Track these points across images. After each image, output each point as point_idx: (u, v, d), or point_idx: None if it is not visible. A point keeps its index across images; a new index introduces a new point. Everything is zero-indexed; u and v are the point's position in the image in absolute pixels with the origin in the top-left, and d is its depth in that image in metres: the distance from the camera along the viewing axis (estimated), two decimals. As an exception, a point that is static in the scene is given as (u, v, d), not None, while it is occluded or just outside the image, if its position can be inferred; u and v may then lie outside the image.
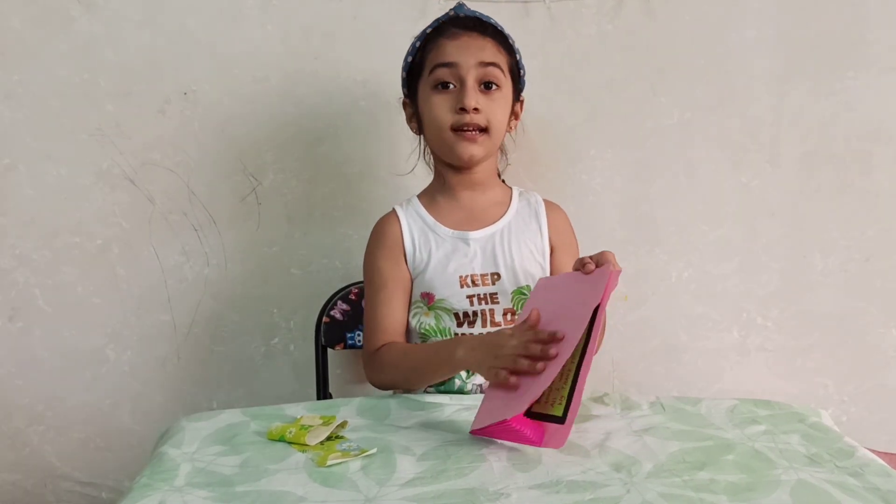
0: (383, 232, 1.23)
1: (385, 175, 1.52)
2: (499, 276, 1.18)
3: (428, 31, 1.18)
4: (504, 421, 0.88)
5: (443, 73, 1.14)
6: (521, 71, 1.23)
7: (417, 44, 1.20)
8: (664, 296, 1.60)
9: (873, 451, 0.90)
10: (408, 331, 1.23)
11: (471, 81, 1.13)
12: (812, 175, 1.58)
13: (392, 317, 1.19)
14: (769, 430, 0.94)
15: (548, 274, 1.23)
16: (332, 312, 1.46)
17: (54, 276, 1.51)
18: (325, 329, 1.45)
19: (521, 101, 1.26)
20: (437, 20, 1.19)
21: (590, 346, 0.90)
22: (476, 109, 1.13)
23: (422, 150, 1.31)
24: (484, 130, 1.15)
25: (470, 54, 1.13)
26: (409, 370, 1.13)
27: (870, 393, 1.65)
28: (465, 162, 1.17)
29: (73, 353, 1.54)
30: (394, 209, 1.25)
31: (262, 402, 1.10)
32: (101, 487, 1.59)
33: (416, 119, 1.23)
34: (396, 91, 1.28)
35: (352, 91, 1.50)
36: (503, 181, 1.33)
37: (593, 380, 1.10)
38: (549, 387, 0.90)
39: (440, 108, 1.15)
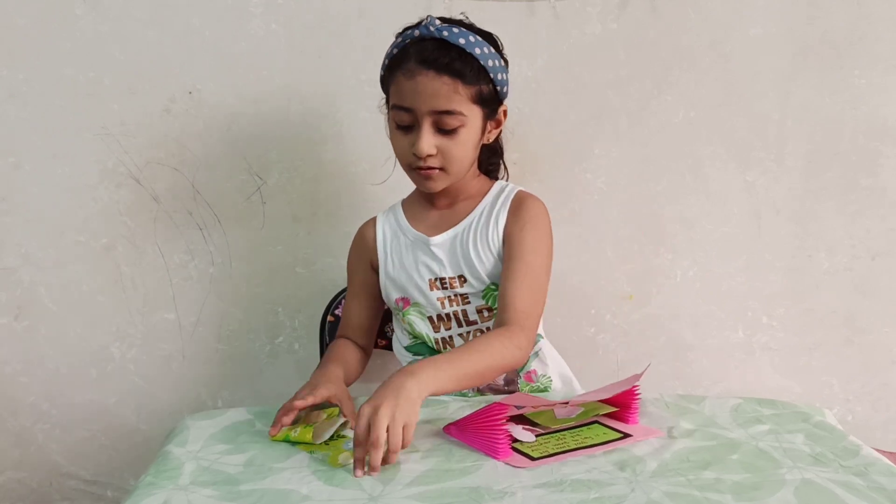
0: (358, 236, 1.29)
1: (389, 173, 1.51)
2: (465, 278, 1.18)
3: (394, 51, 1.12)
4: (492, 407, 0.88)
5: (400, 116, 1.10)
6: (498, 88, 1.13)
7: (386, 61, 1.14)
8: (669, 294, 1.60)
9: (878, 451, 0.90)
10: (396, 334, 1.27)
11: (426, 126, 1.08)
12: (817, 173, 1.57)
13: (352, 315, 1.28)
14: (773, 430, 0.94)
15: None
16: (336, 311, 1.46)
17: (60, 274, 1.51)
18: (330, 328, 1.45)
19: (504, 111, 1.18)
20: (404, 37, 1.11)
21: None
22: (431, 155, 1.10)
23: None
24: (442, 169, 1.12)
25: (423, 101, 1.07)
26: None
27: (875, 392, 1.64)
28: (427, 192, 1.19)
29: (78, 351, 1.54)
30: (376, 215, 1.28)
31: (266, 401, 1.10)
32: (105, 486, 1.60)
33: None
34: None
35: (356, 90, 1.50)
36: (501, 177, 1.30)
37: (597, 379, 1.11)
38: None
39: (400, 146, 1.13)
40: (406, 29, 1.12)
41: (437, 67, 1.06)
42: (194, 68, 1.47)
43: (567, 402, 0.98)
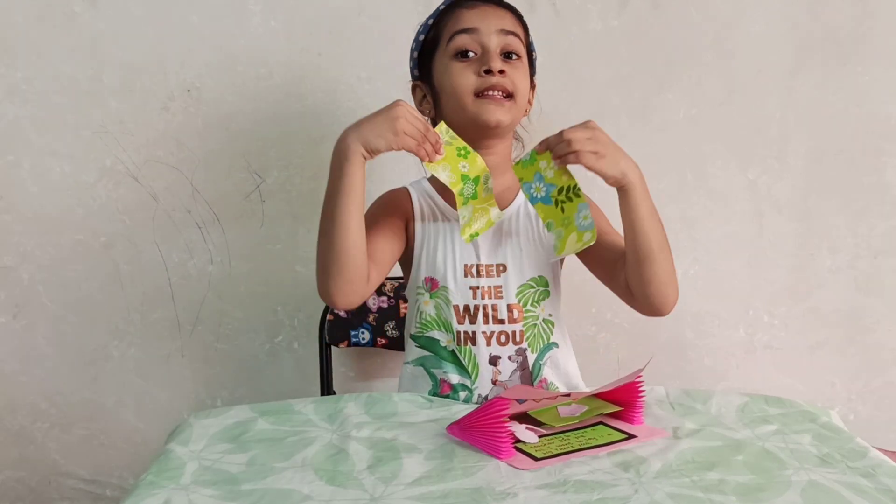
0: (391, 195, 1.20)
1: (389, 172, 1.51)
2: (504, 267, 1.14)
3: (441, 7, 1.14)
4: (495, 402, 0.87)
5: (463, 40, 1.09)
6: (534, 53, 1.19)
7: (430, 21, 1.15)
8: (670, 293, 1.59)
9: (881, 451, 0.89)
10: (408, 318, 1.20)
11: (493, 47, 1.09)
12: (820, 171, 1.57)
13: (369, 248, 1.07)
14: (780, 430, 0.93)
15: (558, 262, 1.19)
16: (335, 310, 1.45)
17: (58, 272, 1.51)
18: (329, 327, 1.45)
19: (534, 86, 1.21)
20: None
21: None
22: (502, 72, 1.08)
23: None
24: (510, 96, 1.10)
25: (490, 21, 1.09)
26: (323, 217, 1.04)
27: (878, 391, 1.64)
28: (491, 127, 1.10)
29: (76, 349, 1.54)
30: (405, 186, 1.21)
31: (265, 400, 1.09)
32: (104, 485, 1.59)
33: (431, 100, 1.17)
34: (401, 88, 1.26)
35: (356, 88, 1.49)
36: None
37: (598, 378, 1.10)
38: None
39: (462, 74, 1.09)
40: None
41: (498, 3, 1.13)
42: (193, 66, 1.46)
43: (569, 394, 0.97)
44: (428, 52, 1.15)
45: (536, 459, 0.85)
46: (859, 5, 1.51)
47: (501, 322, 1.12)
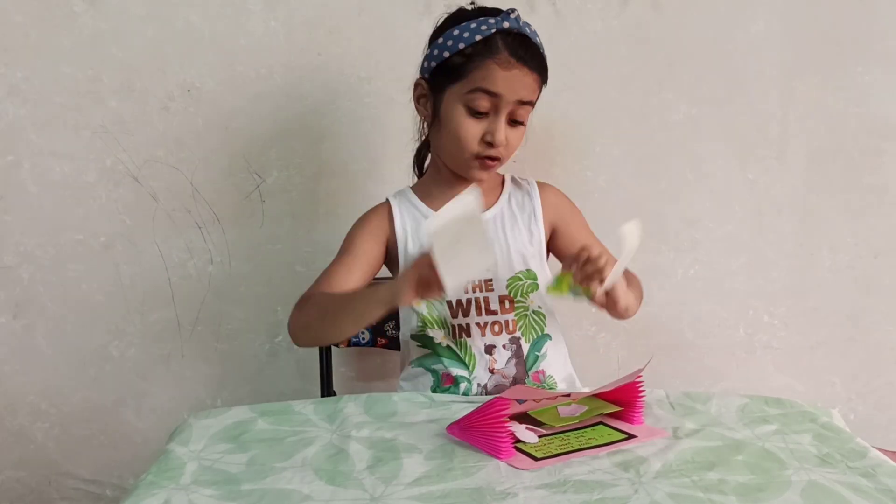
0: (372, 215, 1.24)
1: (389, 172, 1.51)
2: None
3: (477, 37, 1.09)
4: (494, 403, 0.87)
5: (482, 101, 1.10)
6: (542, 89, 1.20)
7: (461, 46, 1.10)
8: (670, 293, 1.59)
9: (881, 451, 0.89)
10: (402, 320, 1.22)
11: (504, 115, 1.11)
12: (820, 171, 1.57)
13: (343, 281, 1.17)
14: (780, 430, 0.93)
15: (544, 257, 1.22)
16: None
17: (58, 272, 1.51)
18: (330, 326, 1.45)
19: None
20: (489, 26, 1.09)
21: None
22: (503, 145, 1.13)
23: (420, 137, 1.27)
24: (500, 160, 1.15)
25: (514, 91, 1.10)
26: (329, 306, 1.11)
27: (878, 391, 1.64)
28: (475, 182, 1.18)
29: (76, 350, 1.54)
30: (387, 199, 1.24)
31: (266, 400, 1.09)
32: (104, 485, 1.59)
33: (430, 109, 1.17)
34: (401, 88, 1.26)
35: (356, 87, 1.49)
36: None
37: (598, 378, 1.10)
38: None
39: (469, 133, 1.12)
40: (480, 14, 1.13)
41: (531, 66, 1.12)
42: (193, 66, 1.46)
43: (569, 394, 0.97)
44: (447, 72, 1.13)
45: (536, 459, 0.85)
46: (859, 5, 1.51)
47: (494, 312, 1.17)
